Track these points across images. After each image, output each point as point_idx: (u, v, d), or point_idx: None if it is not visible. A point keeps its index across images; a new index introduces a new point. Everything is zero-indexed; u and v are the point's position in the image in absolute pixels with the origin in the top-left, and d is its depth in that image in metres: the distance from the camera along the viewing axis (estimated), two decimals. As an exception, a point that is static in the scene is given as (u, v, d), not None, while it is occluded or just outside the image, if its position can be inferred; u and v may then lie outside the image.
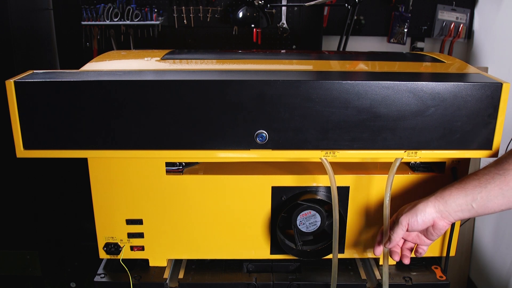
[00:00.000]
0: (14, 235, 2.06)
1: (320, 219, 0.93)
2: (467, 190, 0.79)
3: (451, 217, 0.81)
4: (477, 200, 0.78)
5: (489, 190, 0.77)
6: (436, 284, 0.95)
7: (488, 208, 0.78)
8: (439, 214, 0.81)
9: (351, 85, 0.80)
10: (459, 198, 0.79)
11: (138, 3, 2.06)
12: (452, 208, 0.80)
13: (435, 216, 0.81)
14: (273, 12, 2.06)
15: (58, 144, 0.84)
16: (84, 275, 2.21)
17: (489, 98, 0.82)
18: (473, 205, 0.79)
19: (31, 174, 1.99)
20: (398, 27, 2.11)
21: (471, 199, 0.79)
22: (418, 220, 0.82)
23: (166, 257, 0.99)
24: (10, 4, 1.80)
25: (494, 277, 1.85)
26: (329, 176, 0.87)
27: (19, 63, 1.88)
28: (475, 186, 0.79)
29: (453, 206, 0.80)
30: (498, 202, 0.78)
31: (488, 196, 0.78)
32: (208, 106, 0.81)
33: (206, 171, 0.92)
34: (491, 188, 0.77)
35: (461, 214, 0.80)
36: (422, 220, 0.82)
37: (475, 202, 0.78)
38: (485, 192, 0.78)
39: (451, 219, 0.81)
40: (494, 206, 0.78)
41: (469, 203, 0.79)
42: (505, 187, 0.77)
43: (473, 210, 0.79)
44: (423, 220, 0.82)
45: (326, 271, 0.98)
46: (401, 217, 0.83)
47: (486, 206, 0.78)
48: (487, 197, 0.78)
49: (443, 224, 0.82)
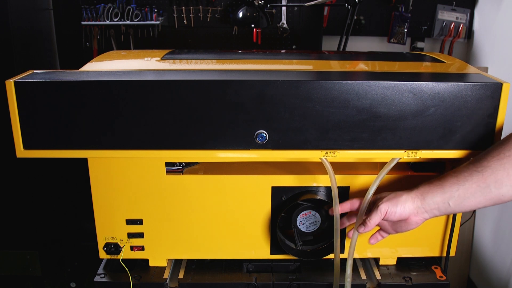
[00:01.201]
0: (14, 235, 2.06)
1: (320, 219, 0.93)
2: (444, 187, 0.78)
3: (426, 214, 0.80)
4: (454, 197, 0.77)
5: (467, 188, 0.76)
6: (436, 284, 0.95)
7: (465, 205, 0.77)
8: (416, 210, 0.80)
9: (351, 85, 0.80)
10: (436, 196, 0.78)
11: (138, 3, 2.06)
12: (428, 205, 0.79)
13: (412, 211, 0.80)
14: (273, 12, 2.06)
15: (58, 144, 0.84)
16: (84, 275, 2.21)
17: (489, 98, 0.82)
18: (449, 203, 0.78)
19: (31, 174, 1.99)
20: (398, 27, 2.11)
21: (448, 197, 0.78)
22: (396, 211, 0.80)
23: (166, 257, 0.99)
24: (10, 4, 1.80)
25: (494, 277, 1.85)
26: (329, 176, 0.87)
27: (19, 63, 1.88)
28: (452, 183, 0.78)
29: (430, 203, 0.79)
30: (476, 200, 0.76)
31: (465, 194, 0.76)
32: (208, 106, 0.81)
33: (206, 171, 0.92)
34: (469, 186, 0.76)
35: (437, 212, 0.80)
36: (400, 213, 0.80)
37: (452, 199, 0.77)
38: (462, 190, 0.77)
39: (426, 216, 0.81)
40: (471, 204, 0.77)
41: (446, 201, 0.78)
42: (483, 184, 0.75)
43: (449, 208, 0.78)
44: (401, 213, 0.80)
45: (326, 271, 0.98)
46: (382, 204, 0.82)
47: (463, 204, 0.77)
48: (464, 195, 0.77)
49: (416, 220, 0.81)
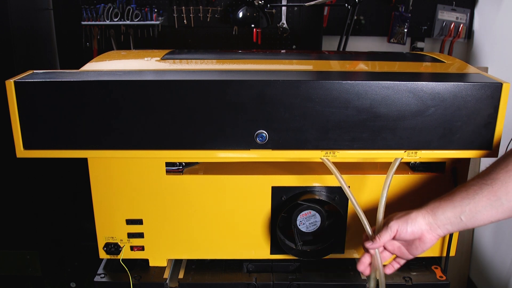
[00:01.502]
0: (14, 235, 2.06)
1: (320, 219, 0.93)
2: (455, 202, 0.77)
3: (439, 230, 0.79)
4: (466, 212, 0.76)
5: (477, 202, 0.76)
6: (436, 284, 0.95)
7: (477, 220, 0.76)
8: (428, 226, 0.79)
9: (351, 85, 0.80)
10: (447, 211, 0.78)
11: (138, 3, 2.06)
12: (440, 221, 0.78)
13: (424, 228, 0.79)
14: (273, 12, 2.06)
15: (58, 144, 0.84)
16: (84, 275, 2.21)
17: (489, 98, 0.82)
18: (461, 218, 0.77)
19: (31, 174, 1.99)
20: (398, 27, 2.11)
21: (459, 212, 0.77)
22: (407, 229, 0.79)
23: (166, 257, 0.99)
24: (10, 4, 1.80)
25: (494, 277, 1.85)
26: (335, 175, 0.86)
27: (19, 63, 1.88)
28: (463, 198, 0.77)
29: (441, 218, 0.78)
30: (487, 213, 0.76)
31: (476, 208, 0.76)
32: (208, 106, 0.81)
33: (206, 171, 0.92)
34: (479, 199, 0.75)
35: (450, 227, 0.78)
36: (412, 230, 0.79)
37: (463, 214, 0.76)
38: (473, 204, 0.76)
39: (440, 232, 0.79)
40: (484, 218, 0.76)
41: (458, 216, 0.77)
42: (493, 197, 0.75)
43: (462, 223, 0.77)
44: (412, 230, 0.79)
45: (326, 271, 0.98)
46: (392, 222, 0.81)
47: (476, 218, 0.76)
48: (475, 209, 0.76)
49: (430, 237, 0.80)
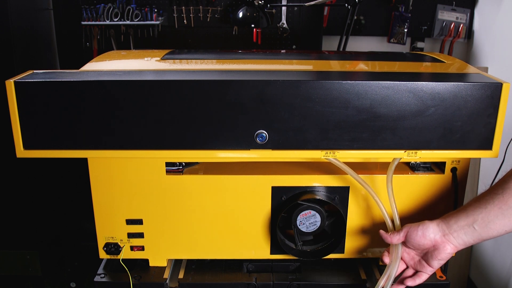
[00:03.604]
0: (14, 235, 2.06)
1: (320, 219, 0.93)
2: (468, 211, 0.80)
3: (454, 239, 0.80)
4: (478, 221, 0.78)
5: (489, 211, 0.77)
6: (436, 284, 0.95)
7: (491, 229, 0.78)
8: (441, 232, 0.81)
9: (351, 85, 0.80)
10: (460, 219, 0.80)
11: (138, 3, 2.06)
12: (453, 229, 0.80)
13: (437, 234, 0.81)
14: (273, 12, 2.05)
15: (58, 144, 0.84)
16: (84, 275, 2.21)
17: (489, 98, 0.82)
18: (475, 227, 0.79)
19: (31, 174, 1.99)
20: (398, 27, 2.11)
21: (472, 220, 0.79)
22: (418, 232, 0.82)
23: (166, 257, 0.99)
24: (10, 4, 1.80)
25: (494, 277, 1.85)
26: (347, 172, 0.88)
27: (19, 63, 1.88)
28: (475, 207, 0.79)
29: (454, 227, 0.80)
30: (500, 222, 0.77)
31: (488, 217, 0.78)
32: (208, 106, 0.81)
33: (206, 171, 0.92)
34: (491, 208, 0.77)
35: (464, 237, 0.80)
36: (422, 233, 0.82)
37: (476, 223, 0.78)
38: (485, 213, 0.78)
39: (455, 242, 0.81)
40: (497, 228, 0.78)
41: (471, 224, 0.79)
42: (504, 206, 0.76)
43: (476, 232, 0.79)
44: (423, 233, 0.81)
45: (326, 271, 0.98)
46: (404, 226, 0.85)
47: (489, 228, 0.78)
48: (487, 218, 0.78)
49: (444, 245, 0.81)
